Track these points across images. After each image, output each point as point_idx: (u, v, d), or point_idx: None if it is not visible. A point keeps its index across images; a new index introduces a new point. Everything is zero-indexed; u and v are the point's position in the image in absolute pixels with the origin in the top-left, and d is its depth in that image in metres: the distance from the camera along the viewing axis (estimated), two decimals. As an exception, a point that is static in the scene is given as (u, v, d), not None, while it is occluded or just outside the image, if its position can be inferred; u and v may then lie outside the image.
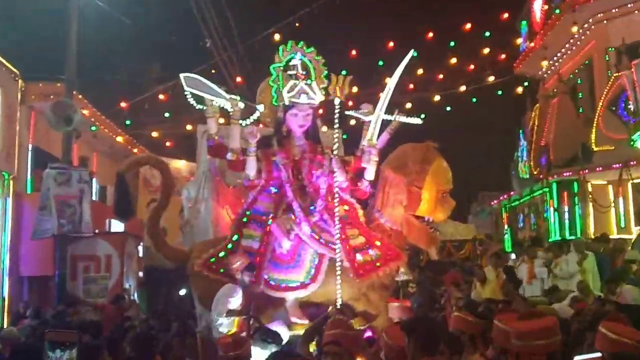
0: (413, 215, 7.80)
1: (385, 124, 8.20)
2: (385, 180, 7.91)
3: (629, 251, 13.09)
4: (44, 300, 14.98)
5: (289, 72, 7.96)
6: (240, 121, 8.09)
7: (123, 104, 22.10)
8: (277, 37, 19.12)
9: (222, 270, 7.44)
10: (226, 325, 7.00)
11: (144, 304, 18.55)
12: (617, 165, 15.62)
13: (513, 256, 16.71)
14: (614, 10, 17.08)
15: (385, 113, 8.13)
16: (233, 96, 8.15)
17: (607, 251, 13.60)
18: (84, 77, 18.43)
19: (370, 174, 8.00)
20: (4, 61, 16.27)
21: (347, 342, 5.05)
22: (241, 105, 8.10)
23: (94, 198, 17.05)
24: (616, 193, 16.19)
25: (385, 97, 8.17)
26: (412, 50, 8.54)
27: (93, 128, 20.14)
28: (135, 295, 17.33)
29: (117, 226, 17.57)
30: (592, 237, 15.34)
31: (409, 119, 8.41)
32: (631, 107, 11.73)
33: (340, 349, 4.88)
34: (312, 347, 6.07)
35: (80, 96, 18.12)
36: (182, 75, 8.31)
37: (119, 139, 22.26)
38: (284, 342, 6.68)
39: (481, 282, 13.54)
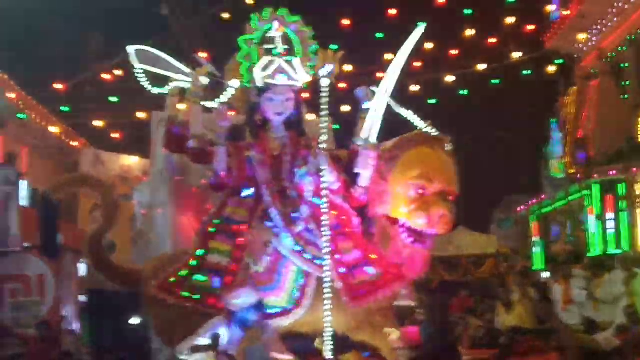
0: (386, 217, 7.57)
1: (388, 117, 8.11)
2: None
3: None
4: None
5: (266, 47, 7.94)
6: (204, 103, 8.07)
7: (58, 86, 22.01)
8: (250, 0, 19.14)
9: (184, 294, 7.36)
10: None
11: (86, 336, 18.48)
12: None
13: (545, 275, 16.76)
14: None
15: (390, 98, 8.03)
16: (194, 72, 8.11)
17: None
18: (9, 51, 18.41)
19: (365, 181, 7.76)
20: None
21: None
22: (204, 81, 8.04)
23: (22, 204, 16.96)
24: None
25: (388, 80, 8.07)
26: (423, 24, 8.31)
27: (21, 116, 20.07)
28: (75, 325, 17.25)
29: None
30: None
31: (421, 124, 8.15)
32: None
33: None
34: None
35: (4, 76, 18.06)
36: (131, 49, 8.30)
37: (54, 129, 22.19)
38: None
39: (506, 306, 13.60)
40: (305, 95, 8.61)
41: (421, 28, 8.09)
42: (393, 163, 7.47)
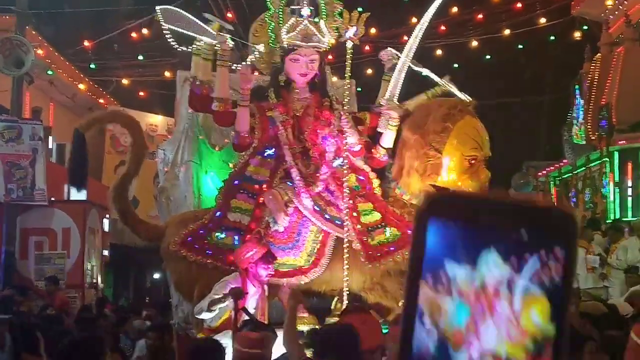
0: (433, 185, 7.67)
1: (410, 77, 8.10)
2: (403, 142, 7.82)
3: None
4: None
5: (292, 7, 7.91)
6: (231, 64, 8.05)
7: (86, 43, 22.01)
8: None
9: (208, 252, 7.46)
10: (211, 319, 7.01)
11: (109, 290, 18.65)
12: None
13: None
14: None
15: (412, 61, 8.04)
16: (222, 33, 8.07)
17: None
18: (39, 9, 18.39)
19: (388, 141, 7.88)
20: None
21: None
22: (230, 43, 8.01)
23: (50, 159, 17.07)
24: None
25: (412, 43, 8.06)
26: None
27: (49, 72, 20.12)
28: (99, 278, 17.40)
29: (77, 194, 17.60)
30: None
31: (458, 92, 8.20)
32: None
33: None
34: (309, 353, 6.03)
35: (34, 32, 18.07)
36: (158, 8, 8.28)
37: (82, 86, 22.27)
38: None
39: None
40: (330, 57, 8.57)
41: None
42: (445, 135, 7.53)
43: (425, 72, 8.15)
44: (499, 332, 0.76)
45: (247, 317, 6.90)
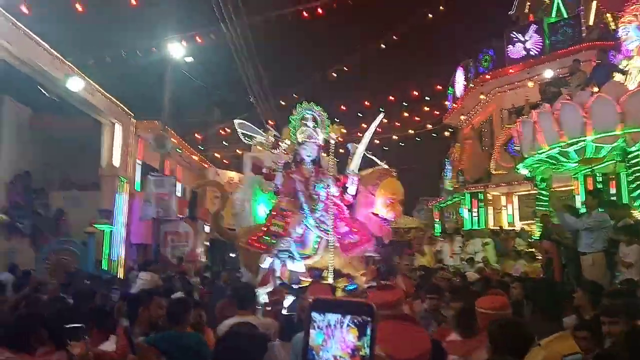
0: (372, 213, 7.65)
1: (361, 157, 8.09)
2: (359, 191, 7.78)
3: (517, 239, 13.03)
4: (144, 259, 14.95)
5: (303, 121, 7.92)
6: (272, 150, 8.06)
7: (198, 135, 22.14)
8: (295, 96, 19.17)
9: (261, 247, 7.34)
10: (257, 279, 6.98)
11: (209, 263, 18.55)
12: (507, 184, 15.69)
13: (441, 239, 16.66)
14: (506, 86, 17.15)
15: (366, 151, 8.05)
16: (266, 134, 8.10)
17: (501, 238, 13.57)
18: (174, 118, 18.50)
19: (352, 191, 7.79)
20: (123, 106, 16.31)
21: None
22: (271, 139, 8.04)
23: (179, 195, 17.03)
24: (507, 201, 16.22)
25: (364, 141, 8.07)
26: (382, 112, 8.47)
27: (178, 150, 20.16)
28: (203, 257, 17.28)
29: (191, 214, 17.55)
30: (491, 228, 15.32)
31: (379, 162, 8.29)
32: (516, 147, 11.76)
33: None
34: None
35: (171, 130, 18.17)
36: (235, 121, 8.32)
37: (195, 157, 22.27)
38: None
39: (420, 254, 13.45)
40: (322, 145, 8.58)
41: (381, 115, 8.37)
42: (377, 186, 7.62)
43: (370, 156, 8.19)
44: (336, 345, 0.87)
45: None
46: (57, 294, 6.57)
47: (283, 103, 20.91)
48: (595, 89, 9.34)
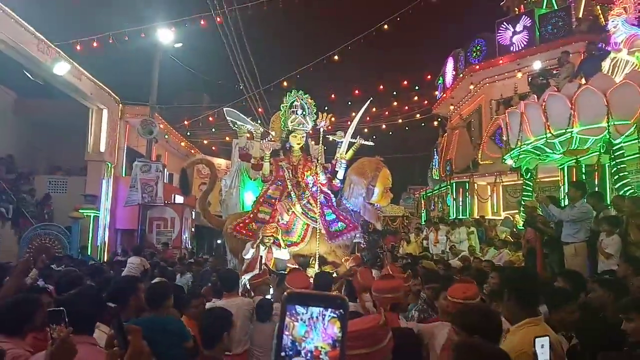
0: (368, 202, 7.72)
1: (350, 144, 8.14)
2: (351, 181, 7.79)
3: (499, 227, 13.14)
4: (129, 245, 14.91)
5: (292, 109, 7.91)
6: (260, 140, 8.03)
7: (186, 122, 21.96)
8: (285, 84, 19.02)
9: (247, 233, 7.37)
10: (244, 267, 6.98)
11: (196, 247, 18.53)
12: (493, 174, 15.79)
13: (426, 227, 16.79)
14: (495, 76, 17.16)
15: (351, 137, 8.08)
16: (256, 124, 8.07)
17: (485, 227, 13.66)
18: (162, 103, 18.29)
19: (340, 175, 7.90)
20: (110, 91, 16.12)
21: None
22: (260, 129, 8.03)
23: (165, 181, 16.92)
24: (492, 190, 16.31)
25: (352, 127, 8.11)
26: (370, 98, 8.51)
27: (166, 136, 19.98)
28: (188, 243, 17.23)
29: (178, 199, 17.44)
30: (476, 217, 15.41)
31: (366, 142, 8.30)
32: (504, 138, 11.81)
33: None
34: None
35: (158, 116, 17.97)
36: (224, 109, 8.26)
37: (183, 144, 22.09)
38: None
39: (406, 242, 13.50)
40: (311, 133, 8.58)
41: (368, 102, 8.45)
42: (376, 178, 7.58)
43: (359, 140, 8.20)
44: (318, 336, 0.88)
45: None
46: (34, 283, 6.37)
47: (272, 90, 20.77)
48: (583, 81, 9.40)
